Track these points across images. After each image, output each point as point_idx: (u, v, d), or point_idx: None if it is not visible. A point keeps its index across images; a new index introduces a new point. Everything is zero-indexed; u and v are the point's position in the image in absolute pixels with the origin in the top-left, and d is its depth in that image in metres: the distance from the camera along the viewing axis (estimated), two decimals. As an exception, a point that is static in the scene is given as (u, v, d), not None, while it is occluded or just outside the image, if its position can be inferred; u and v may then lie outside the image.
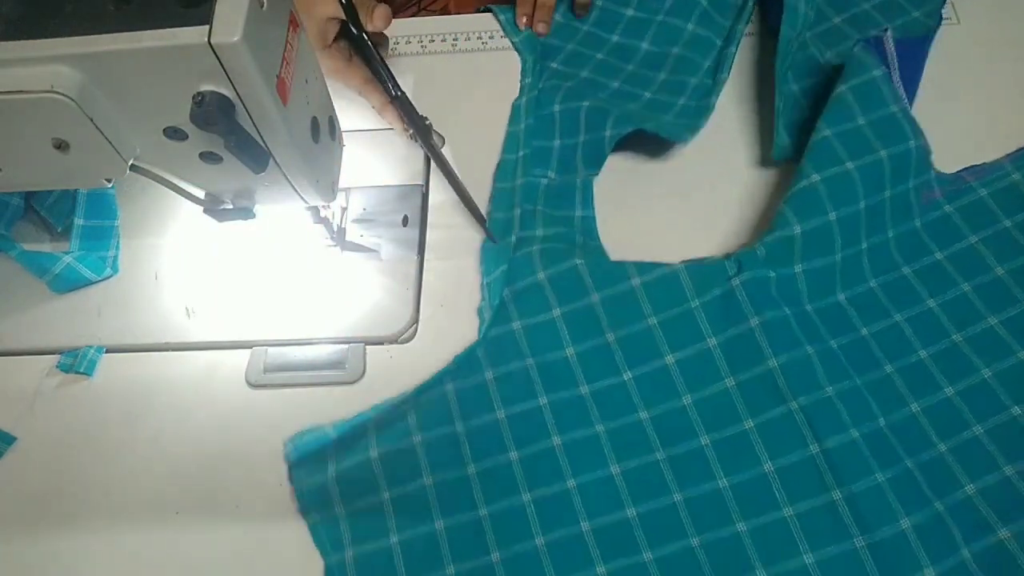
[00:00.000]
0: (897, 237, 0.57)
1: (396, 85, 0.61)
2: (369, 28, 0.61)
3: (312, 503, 0.52)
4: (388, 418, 0.54)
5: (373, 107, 0.66)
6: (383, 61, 0.61)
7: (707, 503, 0.50)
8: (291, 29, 0.45)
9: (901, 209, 0.57)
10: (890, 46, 0.60)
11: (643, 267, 0.56)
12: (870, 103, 0.57)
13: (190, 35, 0.38)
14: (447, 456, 0.52)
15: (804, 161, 0.56)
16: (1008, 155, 0.59)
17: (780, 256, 0.55)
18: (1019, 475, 0.48)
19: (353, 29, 0.60)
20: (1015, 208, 0.57)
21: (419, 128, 0.62)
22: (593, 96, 0.65)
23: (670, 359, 0.54)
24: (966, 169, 0.59)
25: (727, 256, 0.56)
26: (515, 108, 0.66)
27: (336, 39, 0.64)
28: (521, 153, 0.63)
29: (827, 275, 0.55)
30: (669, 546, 0.49)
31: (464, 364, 0.55)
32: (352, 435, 0.54)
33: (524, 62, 0.69)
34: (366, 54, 0.61)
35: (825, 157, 0.56)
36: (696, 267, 0.55)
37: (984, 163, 0.59)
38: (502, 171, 0.64)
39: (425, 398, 0.54)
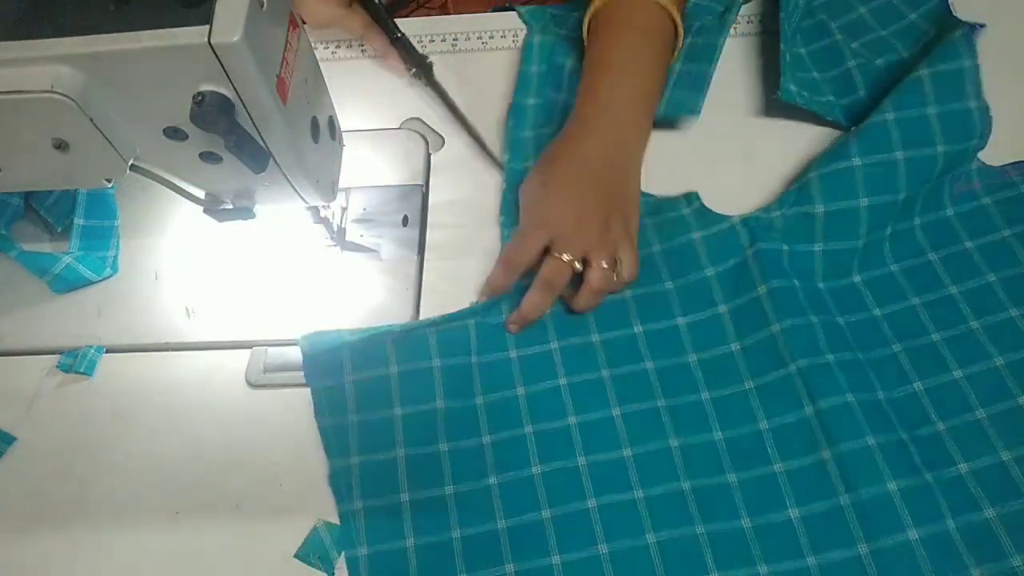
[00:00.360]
0: (924, 225, 0.57)
1: (395, 27, 0.62)
2: None
3: (326, 406, 0.54)
4: (409, 337, 0.55)
5: (375, 52, 0.66)
6: (382, 4, 0.61)
7: (701, 452, 0.51)
8: (291, 29, 0.45)
9: (933, 198, 0.57)
10: (979, 38, 0.60)
11: (663, 234, 0.59)
12: (948, 93, 0.56)
13: (190, 35, 0.38)
14: (460, 385, 0.55)
15: (851, 140, 0.57)
16: None
17: (799, 232, 0.56)
18: (1015, 461, 0.49)
19: None
20: None
21: (422, 66, 0.62)
22: None
23: (681, 321, 0.56)
24: (1011, 164, 0.59)
25: (743, 219, 0.57)
26: (528, 46, 0.67)
27: None
28: (533, 101, 0.64)
29: (846, 257, 0.56)
30: (660, 487, 0.50)
31: (489, 304, 0.57)
32: (371, 345, 0.55)
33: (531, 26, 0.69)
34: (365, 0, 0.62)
35: (876, 142, 0.56)
36: (712, 237, 0.58)
37: None
38: (517, 118, 0.64)
39: (446, 327, 0.56)
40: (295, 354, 0.58)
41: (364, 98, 0.68)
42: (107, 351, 0.59)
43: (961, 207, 0.57)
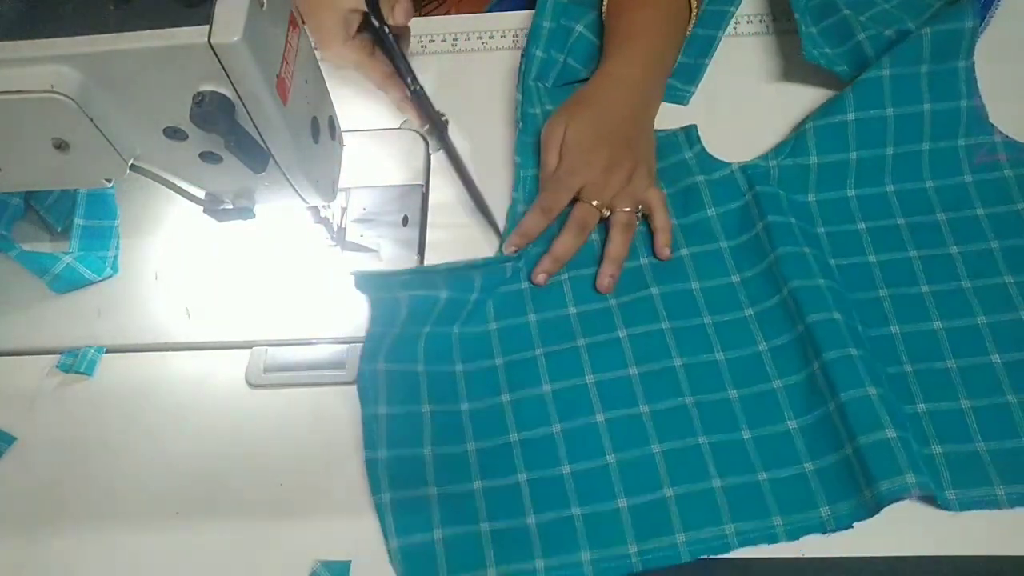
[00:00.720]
0: (939, 187, 0.59)
1: (415, 80, 0.62)
2: (390, 22, 0.62)
3: (382, 317, 0.54)
4: (456, 274, 0.56)
5: (392, 101, 0.66)
6: (404, 55, 0.62)
7: (704, 370, 0.54)
8: (291, 29, 0.45)
9: (945, 163, 0.60)
10: (995, 9, 0.63)
11: (668, 178, 0.62)
12: (943, 53, 0.59)
13: (190, 35, 0.38)
14: (478, 315, 0.58)
15: (848, 93, 0.60)
16: None
17: (793, 183, 0.60)
18: (973, 410, 0.51)
19: (375, 22, 0.60)
20: None
21: (436, 124, 0.62)
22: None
23: (685, 252, 0.59)
24: None
25: (742, 167, 0.61)
26: (542, 2, 0.67)
27: (358, 31, 0.64)
28: (540, 54, 0.66)
29: (841, 206, 0.60)
30: (665, 402, 0.53)
31: (520, 253, 0.59)
32: (423, 276, 0.56)
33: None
34: (387, 48, 0.62)
35: (870, 97, 0.59)
36: (714, 182, 0.61)
37: None
38: (527, 65, 0.66)
39: (488, 268, 0.57)
40: (295, 354, 0.58)
41: (364, 98, 0.69)
42: (107, 351, 0.59)
43: (981, 175, 0.59)
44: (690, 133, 0.64)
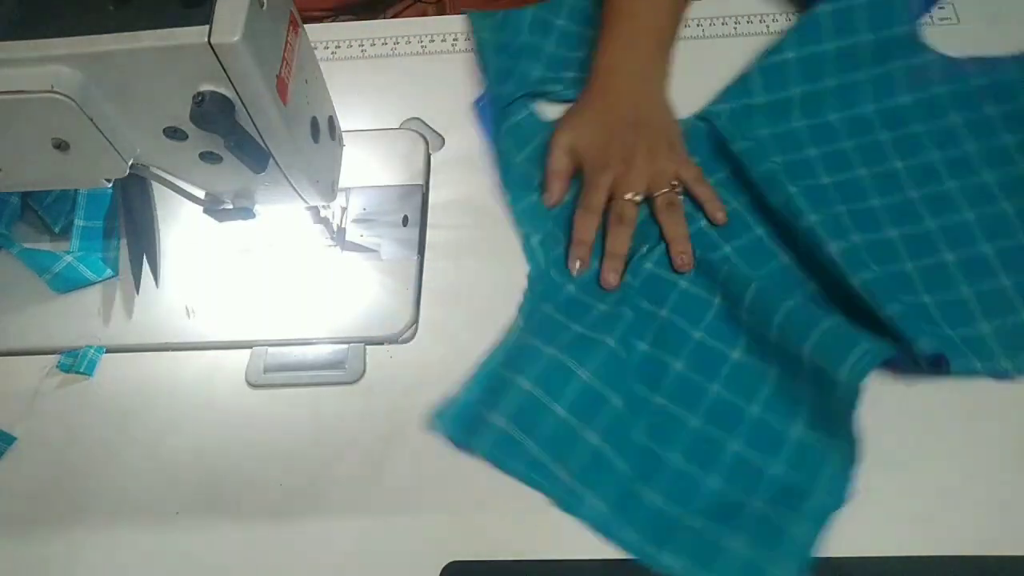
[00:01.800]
0: (879, 110, 0.63)
1: None
2: None
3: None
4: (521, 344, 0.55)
5: None
6: None
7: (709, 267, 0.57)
8: (291, 29, 0.45)
9: (883, 87, 0.63)
10: None
11: None
12: None
13: (190, 35, 0.38)
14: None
15: (791, 33, 0.64)
16: (1013, 55, 0.63)
17: (743, 123, 0.63)
18: (936, 305, 0.54)
19: None
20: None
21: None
22: None
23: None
24: (967, 59, 0.64)
25: (696, 115, 0.64)
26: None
27: None
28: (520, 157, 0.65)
29: (791, 137, 0.63)
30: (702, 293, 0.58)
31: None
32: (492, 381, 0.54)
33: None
34: None
35: (808, 36, 0.63)
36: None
37: (987, 57, 0.64)
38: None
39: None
40: (295, 354, 0.58)
41: (364, 98, 0.69)
42: (107, 351, 0.59)
43: (916, 95, 0.63)
44: None
